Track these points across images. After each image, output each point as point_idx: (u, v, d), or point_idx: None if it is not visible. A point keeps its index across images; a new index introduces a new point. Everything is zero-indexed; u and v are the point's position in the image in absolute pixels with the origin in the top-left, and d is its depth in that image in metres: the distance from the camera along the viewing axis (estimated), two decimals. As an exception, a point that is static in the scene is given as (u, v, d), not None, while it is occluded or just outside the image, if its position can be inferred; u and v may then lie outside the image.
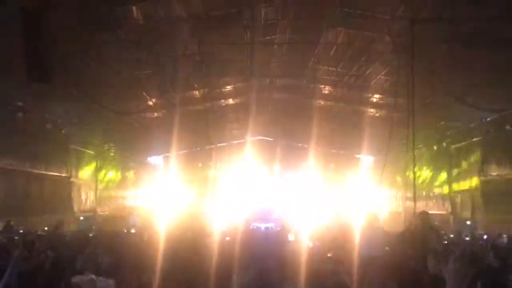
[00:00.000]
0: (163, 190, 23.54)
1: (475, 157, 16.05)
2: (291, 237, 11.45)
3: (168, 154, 24.11)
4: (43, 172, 14.96)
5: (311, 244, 9.52)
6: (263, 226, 21.06)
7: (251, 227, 18.66)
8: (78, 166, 17.57)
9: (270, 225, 21.58)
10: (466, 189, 16.72)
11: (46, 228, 11.14)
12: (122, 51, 11.47)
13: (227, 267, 5.21)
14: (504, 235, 11.00)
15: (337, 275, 5.51)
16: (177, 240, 8.83)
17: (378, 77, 13.96)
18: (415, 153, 12.07)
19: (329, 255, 7.89)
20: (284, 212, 23.68)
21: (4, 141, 12.41)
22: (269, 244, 8.32)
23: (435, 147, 18.10)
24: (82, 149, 17.87)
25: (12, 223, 11.45)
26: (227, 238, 9.36)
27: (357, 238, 7.77)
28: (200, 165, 23.53)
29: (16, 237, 9.61)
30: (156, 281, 4.68)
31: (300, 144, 23.96)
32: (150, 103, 15.28)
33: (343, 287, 4.93)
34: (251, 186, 24.17)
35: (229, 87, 16.82)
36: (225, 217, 21.10)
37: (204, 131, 19.75)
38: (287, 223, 19.04)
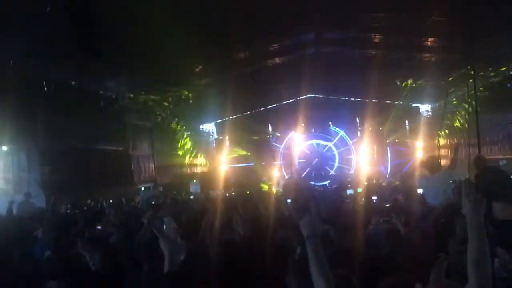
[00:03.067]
0: (218, 156, 23.96)
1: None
2: (348, 194, 11.31)
3: (219, 121, 24.38)
4: (103, 147, 15.49)
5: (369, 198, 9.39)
6: (318, 184, 21.09)
7: (308, 185, 18.72)
8: (135, 139, 18.09)
9: (326, 182, 21.56)
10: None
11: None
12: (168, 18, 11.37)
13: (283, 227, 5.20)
14: None
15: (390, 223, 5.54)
16: (235, 205, 8.92)
17: (431, 19, 13.11)
18: (477, 95, 11.37)
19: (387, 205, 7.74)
20: (341, 169, 23.52)
21: (63, 122, 12.91)
22: (326, 202, 8.26)
23: (496, 88, 17.05)
24: (137, 122, 18.33)
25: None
26: (288, 200, 9.35)
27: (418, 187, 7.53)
28: (252, 128, 23.50)
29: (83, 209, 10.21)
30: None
31: (352, 99, 23.35)
32: (197, 69, 15.26)
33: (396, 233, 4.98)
34: (305, 145, 24.05)
35: (274, 46, 16.44)
36: (281, 178, 21.24)
37: (253, 94, 19.70)
38: (344, 180, 18.98)
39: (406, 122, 24.00)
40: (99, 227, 6.61)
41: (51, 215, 8.05)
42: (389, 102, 23.33)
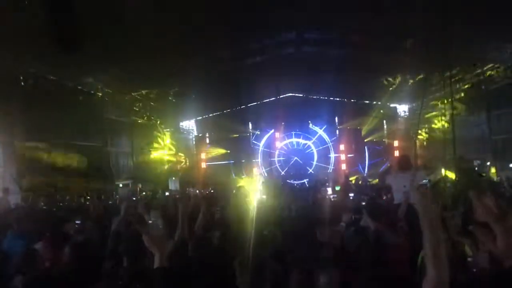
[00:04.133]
0: (198, 153, 23.93)
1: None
2: (325, 192, 11.46)
3: (199, 118, 24.33)
4: (80, 143, 15.32)
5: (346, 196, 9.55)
6: (297, 183, 21.26)
7: (287, 183, 18.85)
8: (113, 135, 17.92)
9: (305, 180, 21.75)
10: (508, 131, 16.17)
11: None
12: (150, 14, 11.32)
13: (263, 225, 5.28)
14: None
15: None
16: (214, 201, 8.99)
17: (409, 21, 13.33)
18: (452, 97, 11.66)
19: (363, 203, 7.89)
20: (319, 168, 23.74)
21: (40, 116, 12.73)
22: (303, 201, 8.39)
23: (472, 90, 17.48)
24: (116, 118, 18.17)
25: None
26: (263, 196, 9.47)
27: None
28: (232, 126, 23.51)
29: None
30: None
31: (331, 98, 23.57)
32: (178, 67, 15.20)
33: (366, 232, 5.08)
34: (284, 144, 24.20)
35: (256, 44, 16.49)
36: (259, 176, 21.35)
37: (234, 92, 19.71)
38: (323, 179, 19.19)
39: (384, 122, 24.35)
40: (78, 222, 6.60)
41: (25, 210, 7.97)
42: (368, 102, 23.64)
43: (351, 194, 10.00)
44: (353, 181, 18.31)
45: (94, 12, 9.83)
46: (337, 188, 12.93)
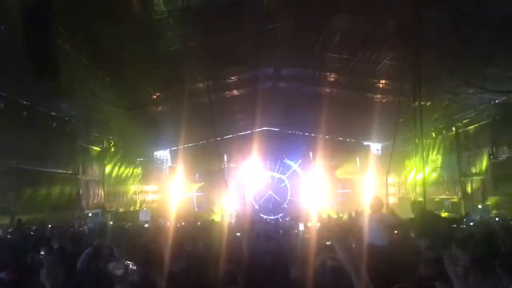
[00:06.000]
0: (171, 184, 23.62)
1: (484, 140, 15.89)
2: (300, 227, 11.41)
3: (174, 148, 24.15)
4: (51, 170, 14.97)
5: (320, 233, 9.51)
6: (272, 217, 21.17)
7: (260, 219, 18.74)
8: (85, 163, 17.58)
9: (279, 216, 21.67)
10: (477, 173, 16.58)
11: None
12: (124, 45, 11.37)
13: (234, 260, 5.18)
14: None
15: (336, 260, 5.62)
16: (185, 235, 8.83)
17: (383, 62, 13.77)
18: (424, 139, 11.93)
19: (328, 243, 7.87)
20: (293, 203, 23.72)
21: (11, 141, 12.41)
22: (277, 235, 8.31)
23: (443, 132, 17.97)
24: (88, 145, 17.87)
25: (21, 221, 11.51)
26: (238, 234, 9.34)
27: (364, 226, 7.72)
28: (206, 158, 23.39)
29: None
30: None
31: (306, 133, 23.85)
32: (154, 96, 15.18)
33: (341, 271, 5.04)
34: (259, 177, 24.15)
35: (233, 78, 16.67)
36: (233, 210, 21.17)
37: (210, 124, 19.69)
38: (296, 214, 19.15)
39: (357, 159, 24.69)
40: (42, 253, 6.35)
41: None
42: (341, 138, 24.01)
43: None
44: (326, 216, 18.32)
45: (68, 37, 9.83)
46: (309, 225, 12.89)
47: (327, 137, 22.70)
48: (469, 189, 17.11)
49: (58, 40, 7.97)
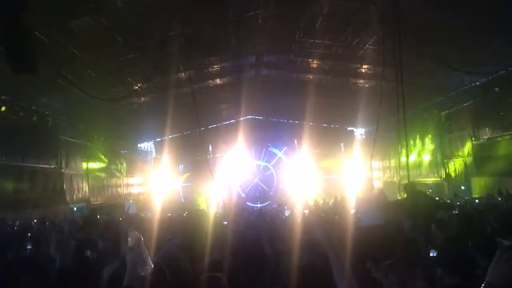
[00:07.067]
0: (156, 176, 23.50)
1: (466, 122, 16.08)
2: (286, 213, 11.45)
3: (158, 139, 24.00)
4: (33, 165, 14.76)
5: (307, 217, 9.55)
6: (258, 205, 21.22)
7: (247, 207, 18.78)
8: (68, 157, 17.36)
9: (266, 204, 21.73)
10: (459, 155, 16.80)
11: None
12: (103, 37, 11.20)
13: (220, 249, 5.19)
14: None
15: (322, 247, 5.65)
16: (172, 225, 8.80)
17: (365, 47, 13.79)
18: (407, 122, 12.01)
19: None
20: (280, 190, 23.81)
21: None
22: (264, 223, 8.32)
23: (426, 115, 18.13)
24: (71, 139, 17.64)
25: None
26: (225, 223, 9.35)
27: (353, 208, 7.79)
28: (191, 148, 23.30)
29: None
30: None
31: (291, 121, 23.88)
32: (136, 87, 15.01)
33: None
34: (245, 166, 24.15)
35: (215, 67, 16.55)
36: (220, 199, 21.16)
37: (193, 114, 19.56)
38: (283, 201, 19.24)
39: (342, 144, 24.84)
40: (29, 247, 6.30)
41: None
42: (325, 125, 24.11)
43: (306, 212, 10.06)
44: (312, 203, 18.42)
45: (49, 29, 9.65)
46: (296, 211, 12.95)
47: (311, 124, 22.77)
48: (452, 171, 17.34)
49: (36, 32, 7.83)
